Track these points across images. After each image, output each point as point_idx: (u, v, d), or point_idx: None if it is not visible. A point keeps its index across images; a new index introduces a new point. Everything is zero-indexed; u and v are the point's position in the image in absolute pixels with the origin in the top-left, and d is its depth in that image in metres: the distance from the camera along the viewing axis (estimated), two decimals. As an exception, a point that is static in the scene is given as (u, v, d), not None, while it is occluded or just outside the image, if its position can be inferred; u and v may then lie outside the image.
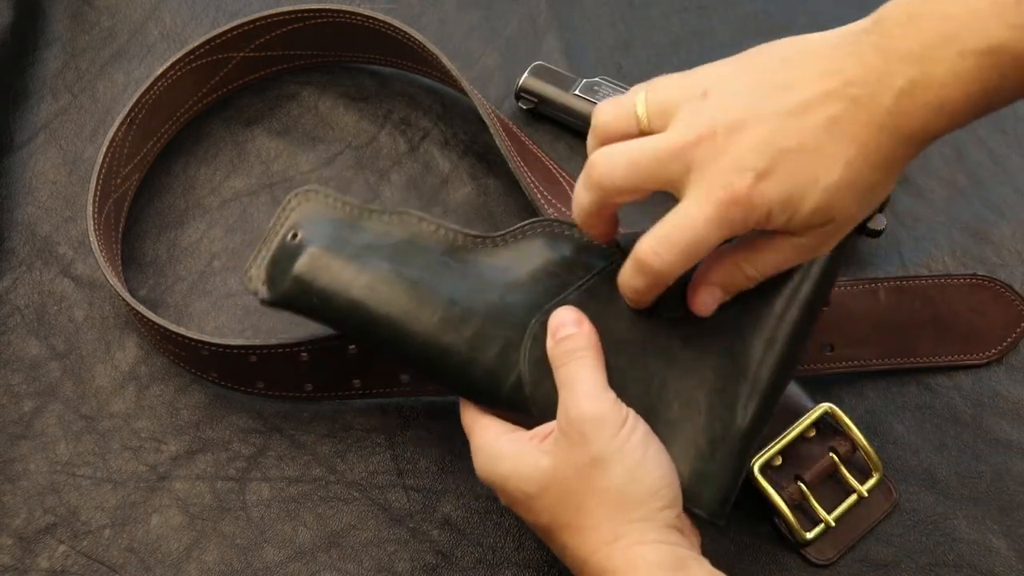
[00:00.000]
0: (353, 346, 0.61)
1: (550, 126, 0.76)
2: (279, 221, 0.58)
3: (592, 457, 0.50)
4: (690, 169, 0.47)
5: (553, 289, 0.54)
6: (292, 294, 0.56)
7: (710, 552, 0.51)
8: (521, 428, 0.54)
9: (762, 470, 0.59)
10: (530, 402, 0.53)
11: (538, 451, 0.51)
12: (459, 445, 0.64)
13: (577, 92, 0.74)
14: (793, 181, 0.46)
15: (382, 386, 0.64)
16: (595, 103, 0.73)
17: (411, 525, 0.62)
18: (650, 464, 0.50)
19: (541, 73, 0.75)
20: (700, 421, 0.52)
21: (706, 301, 0.52)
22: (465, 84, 0.70)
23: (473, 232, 0.56)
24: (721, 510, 0.52)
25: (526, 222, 0.56)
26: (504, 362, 0.54)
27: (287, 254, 0.56)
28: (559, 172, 0.71)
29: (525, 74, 0.75)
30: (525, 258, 0.55)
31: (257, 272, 0.57)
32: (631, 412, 0.51)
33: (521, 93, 0.75)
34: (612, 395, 0.51)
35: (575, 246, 0.55)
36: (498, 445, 0.53)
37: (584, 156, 0.74)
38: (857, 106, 0.46)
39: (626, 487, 0.49)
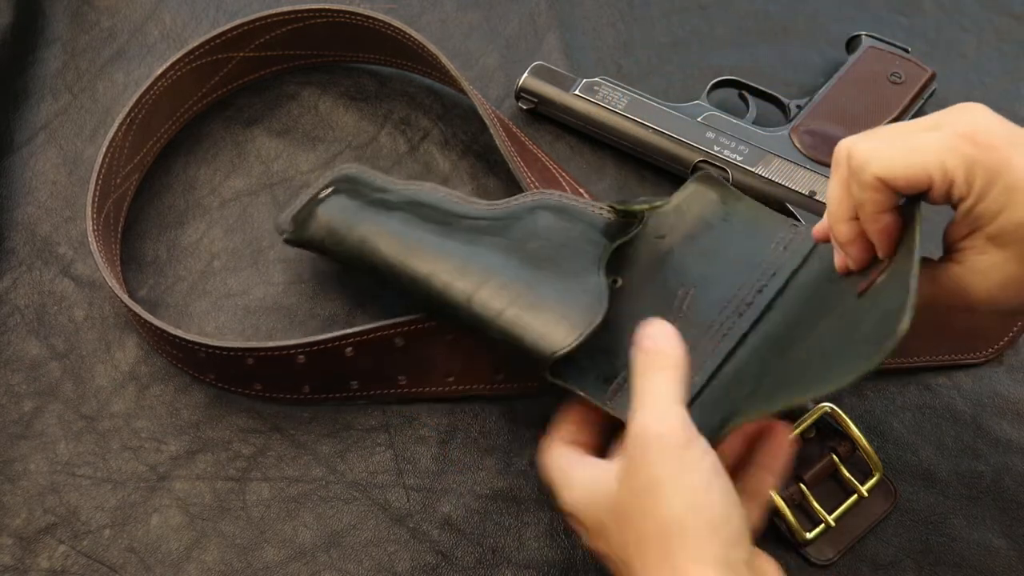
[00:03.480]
0: (350, 348, 0.61)
1: (550, 126, 0.76)
2: (321, 181, 0.67)
3: (650, 479, 0.45)
4: None
5: (524, 247, 0.61)
6: (310, 233, 0.65)
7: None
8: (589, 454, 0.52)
9: (762, 470, 0.59)
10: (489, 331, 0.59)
11: (611, 473, 0.48)
12: (459, 445, 0.64)
13: (577, 92, 0.74)
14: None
15: (380, 387, 0.64)
16: (595, 103, 0.73)
17: (411, 525, 0.62)
18: (715, 495, 0.45)
19: (541, 73, 0.75)
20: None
21: None
22: (465, 84, 0.70)
23: (474, 199, 0.64)
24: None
25: (523, 195, 0.64)
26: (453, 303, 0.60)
27: (316, 202, 0.66)
28: (559, 172, 0.71)
29: (525, 74, 0.75)
30: (515, 220, 0.62)
31: (286, 216, 0.67)
32: (702, 439, 0.46)
33: (521, 93, 0.75)
34: (682, 412, 0.47)
35: (570, 213, 0.62)
36: (571, 473, 0.51)
37: (583, 156, 0.75)
38: None
39: (684, 517, 0.44)
